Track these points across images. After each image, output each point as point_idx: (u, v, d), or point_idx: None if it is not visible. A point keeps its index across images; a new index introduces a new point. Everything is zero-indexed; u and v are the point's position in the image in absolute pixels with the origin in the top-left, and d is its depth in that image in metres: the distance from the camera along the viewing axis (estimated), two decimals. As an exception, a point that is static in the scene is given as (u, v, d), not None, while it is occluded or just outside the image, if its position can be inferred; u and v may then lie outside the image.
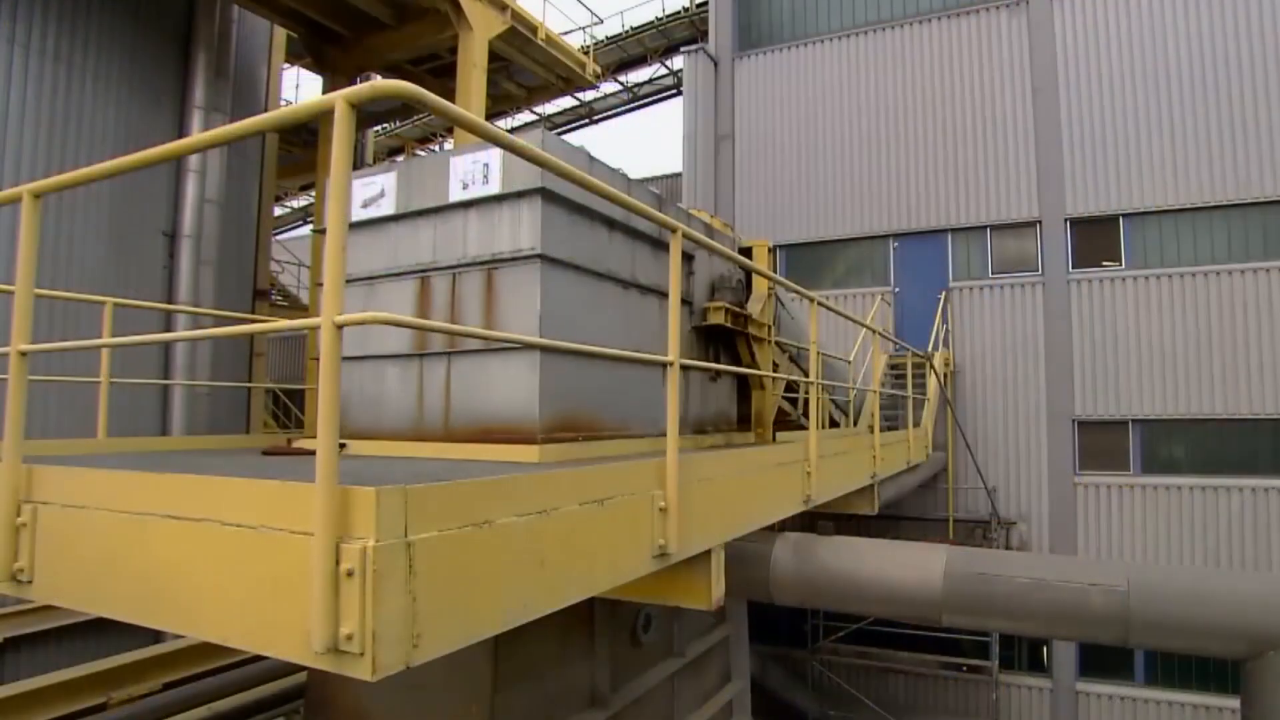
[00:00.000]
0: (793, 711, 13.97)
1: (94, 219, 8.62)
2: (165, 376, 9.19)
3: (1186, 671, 12.46)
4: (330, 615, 1.92)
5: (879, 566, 4.76)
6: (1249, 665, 3.86)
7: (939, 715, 13.63)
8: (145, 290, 9.00)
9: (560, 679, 4.57)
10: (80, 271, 8.37)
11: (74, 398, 7.87)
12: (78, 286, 7.98)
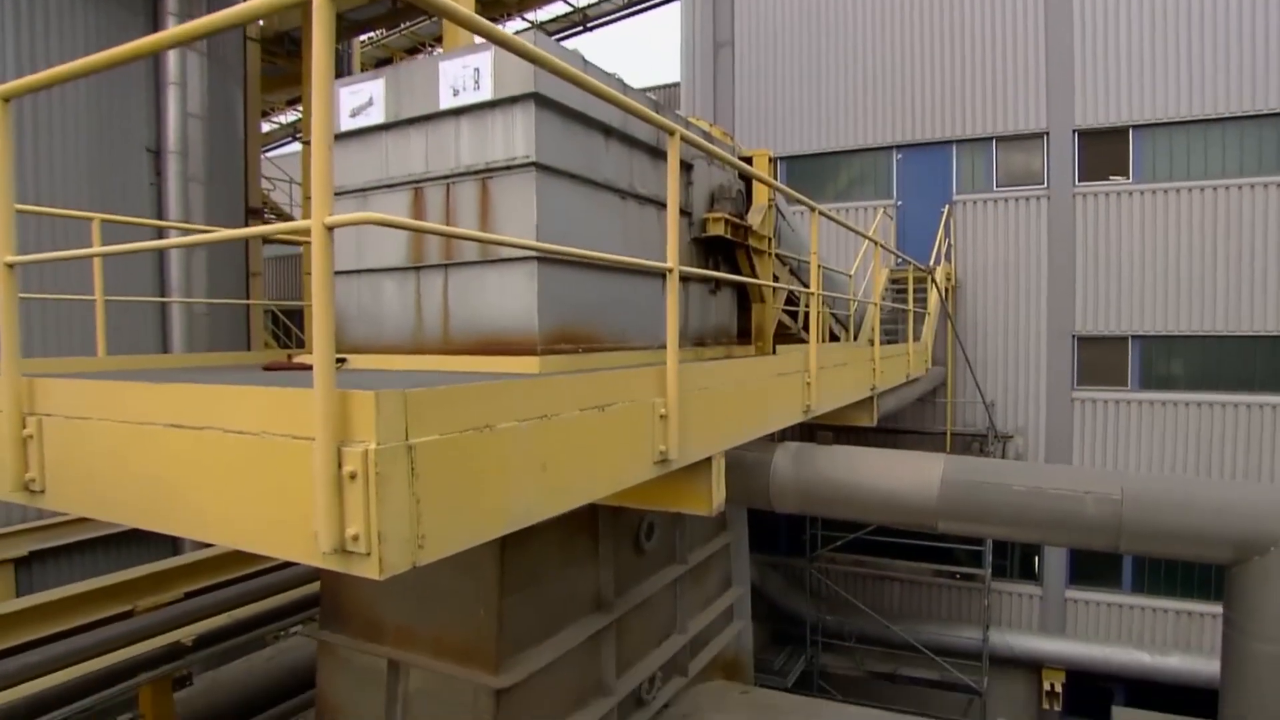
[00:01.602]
0: (791, 617, 14.49)
1: (74, 138, 8.39)
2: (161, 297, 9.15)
3: (1171, 580, 12.86)
4: (335, 517, 1.95)
5: (877, 474, 4.83)
6: (1234, 570, 3.96)
7: (932, 620, 14.13)
8: (133, 210, 8.84)
9: (565, 584, 4.70)
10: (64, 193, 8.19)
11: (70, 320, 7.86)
12: (62, 208, 7.85)
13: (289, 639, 8.13)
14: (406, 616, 4.43)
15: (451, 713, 4.32)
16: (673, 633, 5.89)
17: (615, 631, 5.07)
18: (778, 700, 6.40)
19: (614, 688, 5.07)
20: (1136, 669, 12.62)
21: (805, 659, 14.14)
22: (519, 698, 4.31)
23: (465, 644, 4.25)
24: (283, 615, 6.56)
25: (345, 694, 4.65)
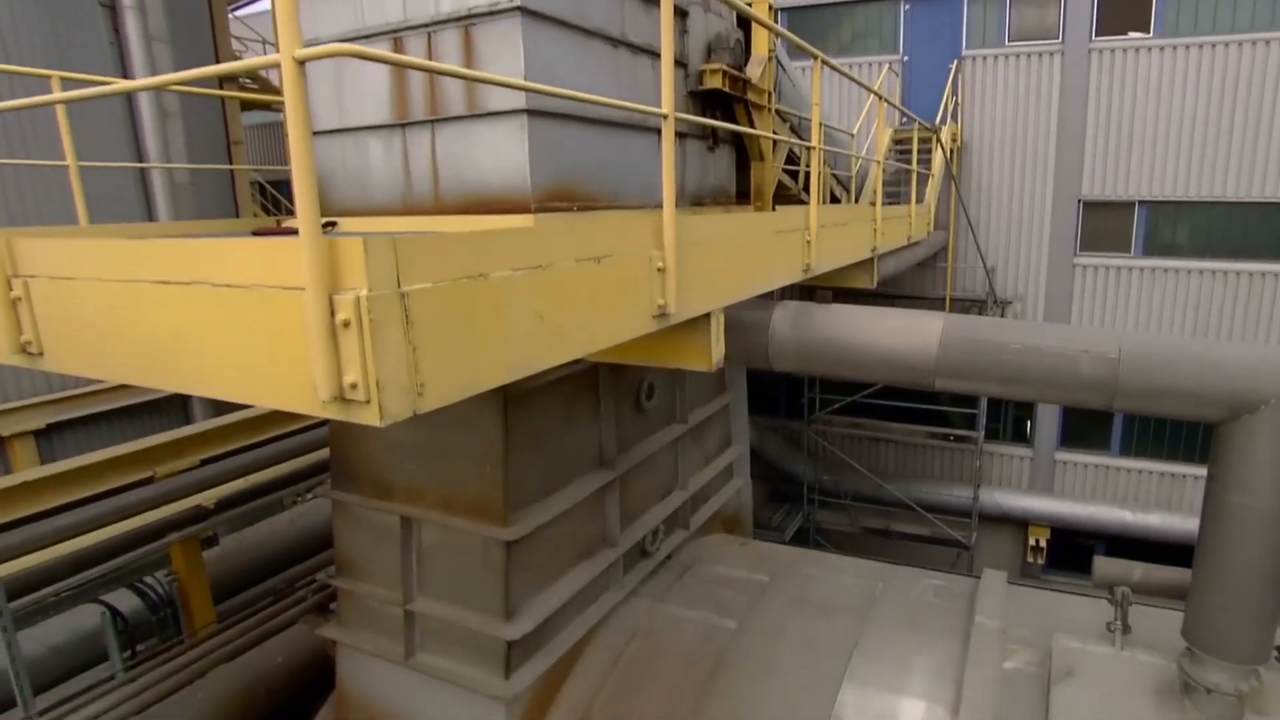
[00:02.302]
0: (789, 477, 15.01)
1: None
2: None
3: (1159, 443, 13.19)
4: (332, 366, 1.95)
5: (876, 332, 4.83)
6: (1221, 428, 4.01)
7: (925, 480, 14.64)
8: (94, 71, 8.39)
9: (569, 442, 4.82)
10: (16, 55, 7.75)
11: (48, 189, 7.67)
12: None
13: (306, 504, 8.46)
14: (415, 475, 4.57)
15: (464, 564, 4.54)
16: (674, 489, 6.10)
17: (619, 487, 5.25)
18: (775, 552, 6.73)
19: (619, 540, 5.31)
20: (1118, 526, 13.19)
21: (802, 516, 14.77)
22: (528, 549, 4.52)
23: (474, 499, 4.40)
24: (297, 479, 6.79)
25: (362, 549, 4.87)
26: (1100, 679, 4.56)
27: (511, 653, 4.50)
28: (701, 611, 5.41)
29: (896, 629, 5.21)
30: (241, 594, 7.21)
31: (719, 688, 4.83)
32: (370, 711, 5.03)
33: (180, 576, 6.54)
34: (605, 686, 4.95)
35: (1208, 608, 4.23)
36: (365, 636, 4.92)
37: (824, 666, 4.91)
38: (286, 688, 6.06)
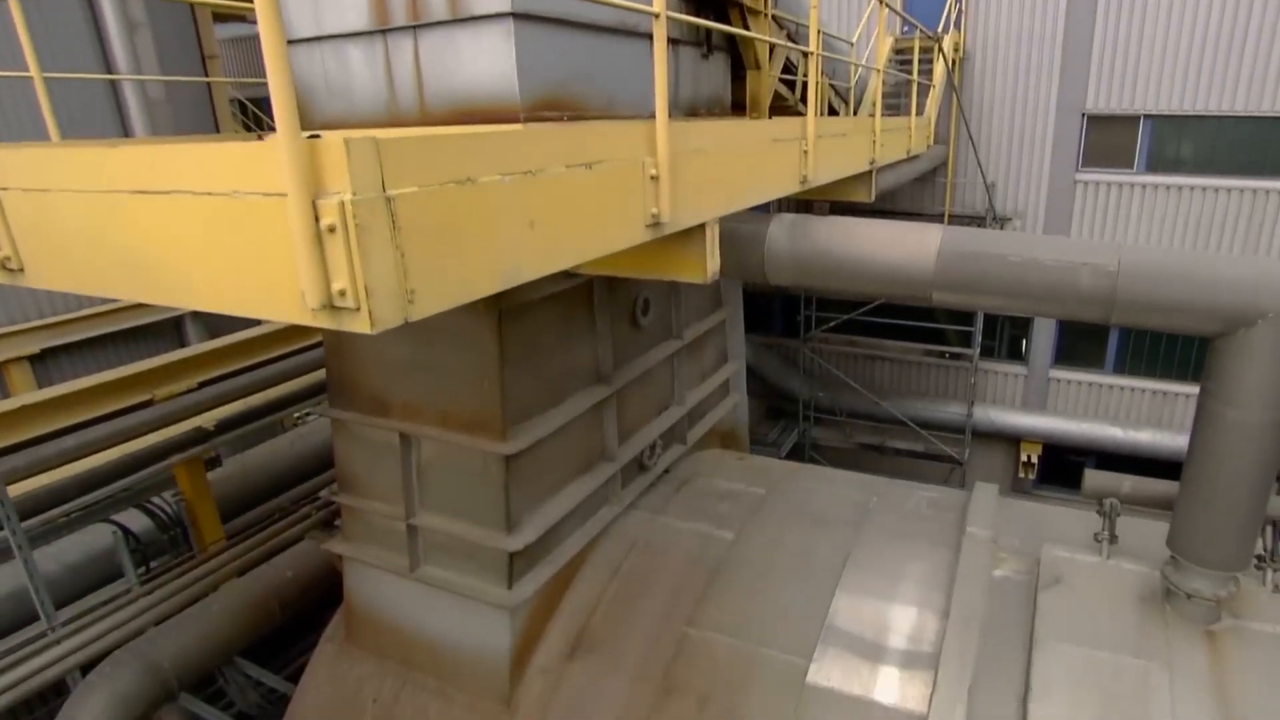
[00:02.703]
0: (785, 394, 15.14)
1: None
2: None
3: (1153, 361, 13.24)
4: (319, 272, 1.92)
5: (873, 244, 4.77)
6: (1218, 343, 4.00)
7: (920, 397, 14.76)
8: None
9: (565, 357, 4.83)
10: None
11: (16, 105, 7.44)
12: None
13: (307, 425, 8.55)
14: (412, 392, 4.59)
15: (464, 479, 4.61)
16: (671, 404, 6.15)
17: (615, 402, 5.29)
18: (771, 466, 6.83)
19: (617, 454, 5.38)
20: (1109, 443, 13.37)
21: (798, 433, 14.97)
22: (527, 463, 4.58)
23: (472, 415, 4.44)
24: (295, 401, 6.85)
25: (362, 466, 4.93)
26: (1086, 586, 4.69)
27: (514, 563, 4.62)
28: (699, 523, 5.53)
29: (889, 539, 5.34)
30: (248, 513, 7.35)
31: (716, 595, 4.98)
32: (378, 621, 5.19)
33: (187, 496, 6.66)
34: (606, 595, 5.10)
35: (1193, 518, 4.33)
36: (370, 550, 5.04)
37: (818, 575, 5.05)
38: (297, 600, 6.26)
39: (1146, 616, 4.49)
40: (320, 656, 5.45)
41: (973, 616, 4.55)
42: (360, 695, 5.19)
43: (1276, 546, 4.65)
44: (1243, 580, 4.45)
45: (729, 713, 4.46)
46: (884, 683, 4.46)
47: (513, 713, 4.77)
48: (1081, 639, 4.40)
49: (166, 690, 5.51)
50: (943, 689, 4.24)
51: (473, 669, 4.89)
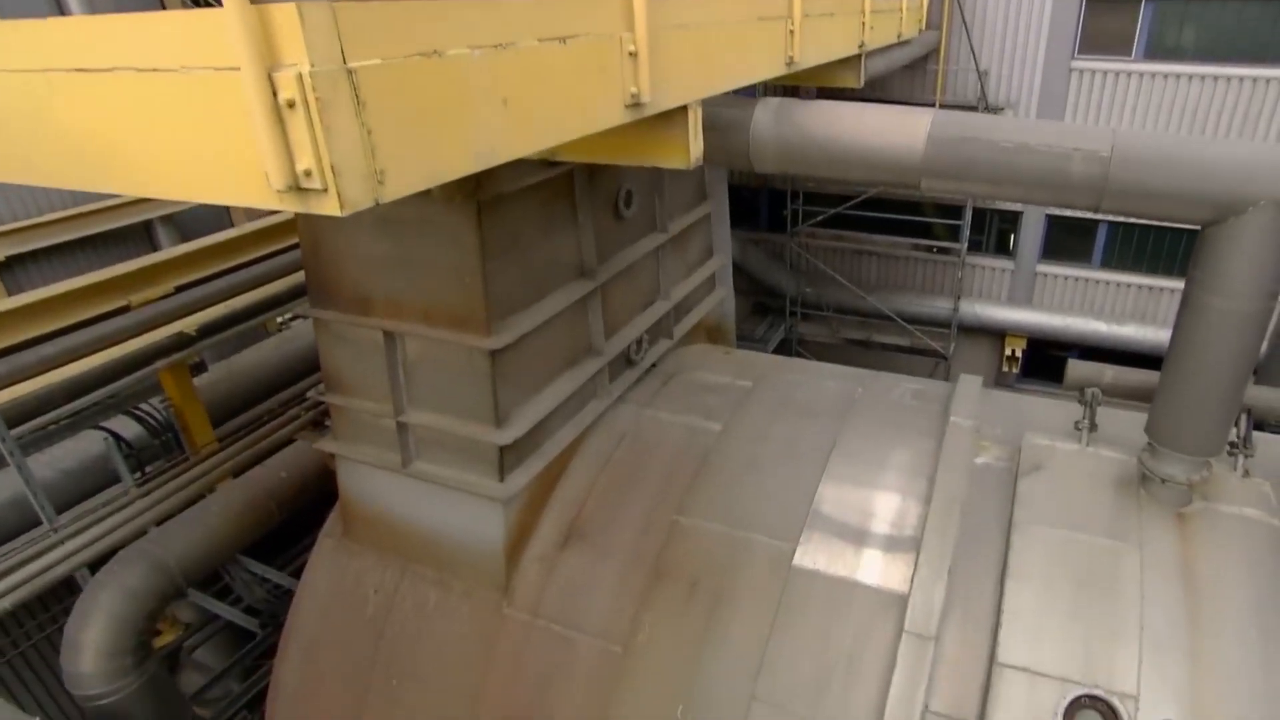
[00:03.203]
0: (772, 290, 15.10)
1: None
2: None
3: (1140, 256, 13.15)
4: (282, 151, 1.84)
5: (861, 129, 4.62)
6: (1208, 230, 3.95)
7: (907, 292, 14.74)
8: None
9: (547, 251, 4.74)
10: None
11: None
12: None
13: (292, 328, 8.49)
14: (394, 289, 4.51)
15: (450, 374, 4.60)
16: (657, 299, 6.11)
17: (600, 297, 5.24)
18: (758, 359, 6.87)
19: (603, 349, 5.37)
20: (1093, 337, 13.44)
21: (784, 328, 15.02)
22: (513, 358, 4.57)
23: (455, 311, 4.38)
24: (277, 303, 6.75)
25: (348, 365, 4.91)
26: (1065, 472, 4.81)
27: (504, 457, 4.67)
28: (686, 416, 5.59)
29: (874, 429, 5.42)
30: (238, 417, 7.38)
31: (704, 484, 5.08)
32: (373, 517, 5.30)
33: (174, 402, 6.66)
34: (596, 486, 5.20)
35: (1172, 405, 4.40)
36: (361, 448, 5.08)
37: (804, 464, 5.15)
38: (294, 499, 6.37)
39: (1121, 501, 4.63)
40: (320, 552, 5.59)
41: (954, 501, 4.67)
42: (361, 587, 5.35)
43: (1249, 433, 4.77)
44: (1215, 465, 4.58)
45: (718, 595, 4.63)
46: (867, 564, 4.61)
47: (510, 599, 4.94)
48: (1058, 522, 4.55)
49: (174, 586, 5.67)
50: (923, 570, 4.40)
51: (469, 559, 5.03)
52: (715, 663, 4.46)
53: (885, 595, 4.45)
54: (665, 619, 4.63)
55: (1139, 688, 3.92)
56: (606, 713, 4.55)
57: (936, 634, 4.19)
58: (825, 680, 4.28)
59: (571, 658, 4.72)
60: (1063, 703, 3.94)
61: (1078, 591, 4.27)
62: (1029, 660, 4.08)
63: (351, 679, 5.20)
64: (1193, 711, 3.82)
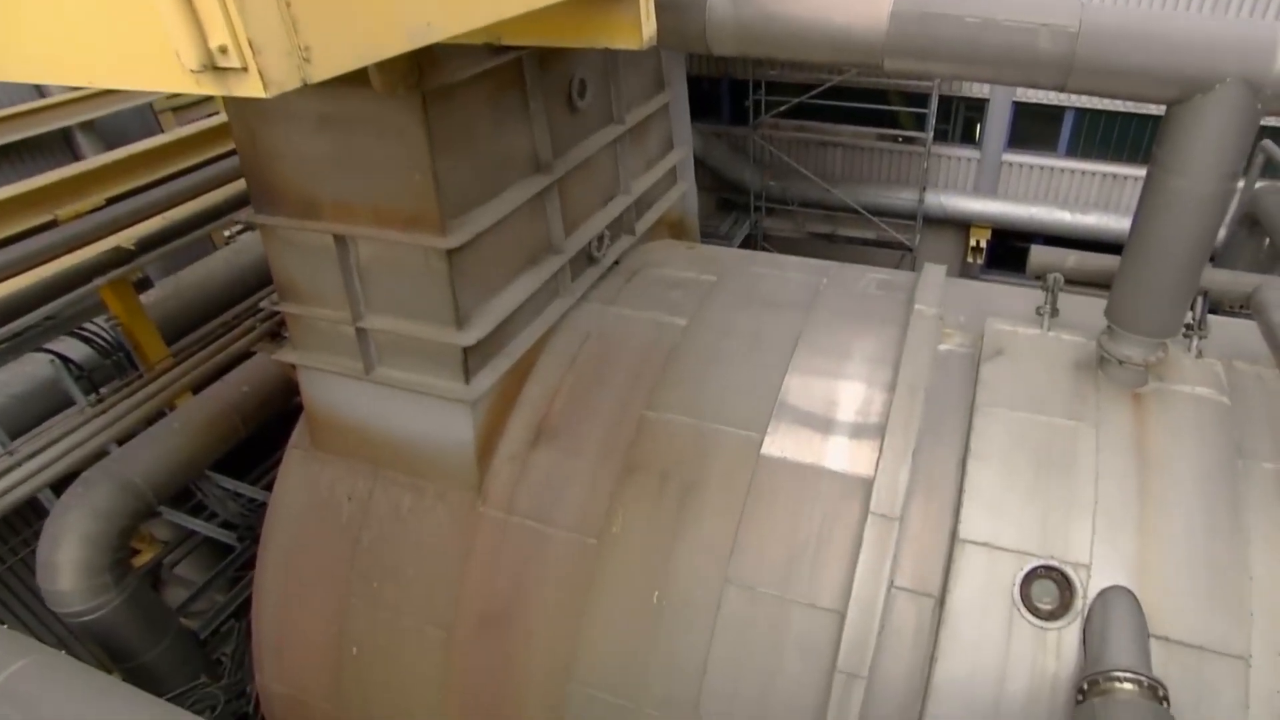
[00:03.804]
0: (736, 186, 14.86)
1: None
2: None
3: (1105, 144, 13.06)
4: (191, 25, 1.67)
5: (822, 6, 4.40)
6: (1173, 108, 3.88)
7: (872, 184, 14.59)
8: None
9: (499, 145, 4.54)
10: None
11: None
12: None
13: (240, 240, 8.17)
14: (341, 191, 4.31)
15: (407, 277, 4.47)
16: (617, 194, 5.95)
17: (558, 192, 5.08)
18: (722, 254, 6.79)
19: (564, 246, 5.25)
20: (1057, 226, 13.49)
21: (749, 224, 14.88)
22: (471, 257, 4.44)
23: (407, 211, 4.22)
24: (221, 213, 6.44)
25: (300, 273, 4.74)
26: (1026, 356, 4.90)
27: (469, 358, 4.61)
28: (652, 311, 5.53)
29: (839, 320, 5.42)
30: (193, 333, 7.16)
31: (671, 379, 5.09)
32: (340, 426, 5.25)
33: (122, 320, 6.43)
34: (564, 384, 5.18)
35: (1132, 287, 4.45)
36: (322, 357, 4.98)
37: (770, 356, 5.16)
38: (258, 413, 6.28)
39: (1080, 382, 4.74)
40: (289, 463, 5.56)
41: (918, 387, 4.73)
42: (335, 495, 5.36)
43: (1204, 315, 4.87)
44: (1171, 347, 4.68)
45: (689, 485, 4.71)
46: (833, 451, 4.71)
47: (484, 499, 4.99)
48: (1018, 404, 4.66)
49: (144, 504, 5.63)
50: (888, 454, 4.49)
51: (441, 462, 5.03)
52: (688, 550, 4.58)
53: (851, 479, 4.56)
54: (638, 510, 4.72)
55: (1091, 558, 4.12)
56: (584, 603, 4.68)
57: (901, 514, 4.32)
58: (795, 562, 4.43)
59: (547, 552, 4.82)
60: (1020, 574, 4.13)
61: (1036, 470, 4.41)
62: (989, 535, 4.25)
63: (332, 584, 5.28)
64: (1140, 578, 4.04)
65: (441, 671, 5.00)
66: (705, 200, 13.91)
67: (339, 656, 5.29)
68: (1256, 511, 4.16)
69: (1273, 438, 4.42)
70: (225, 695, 6.40)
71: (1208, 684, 3.84)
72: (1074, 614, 4.02)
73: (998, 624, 4.10)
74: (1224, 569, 4.02)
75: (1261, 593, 3.95)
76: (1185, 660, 3.87)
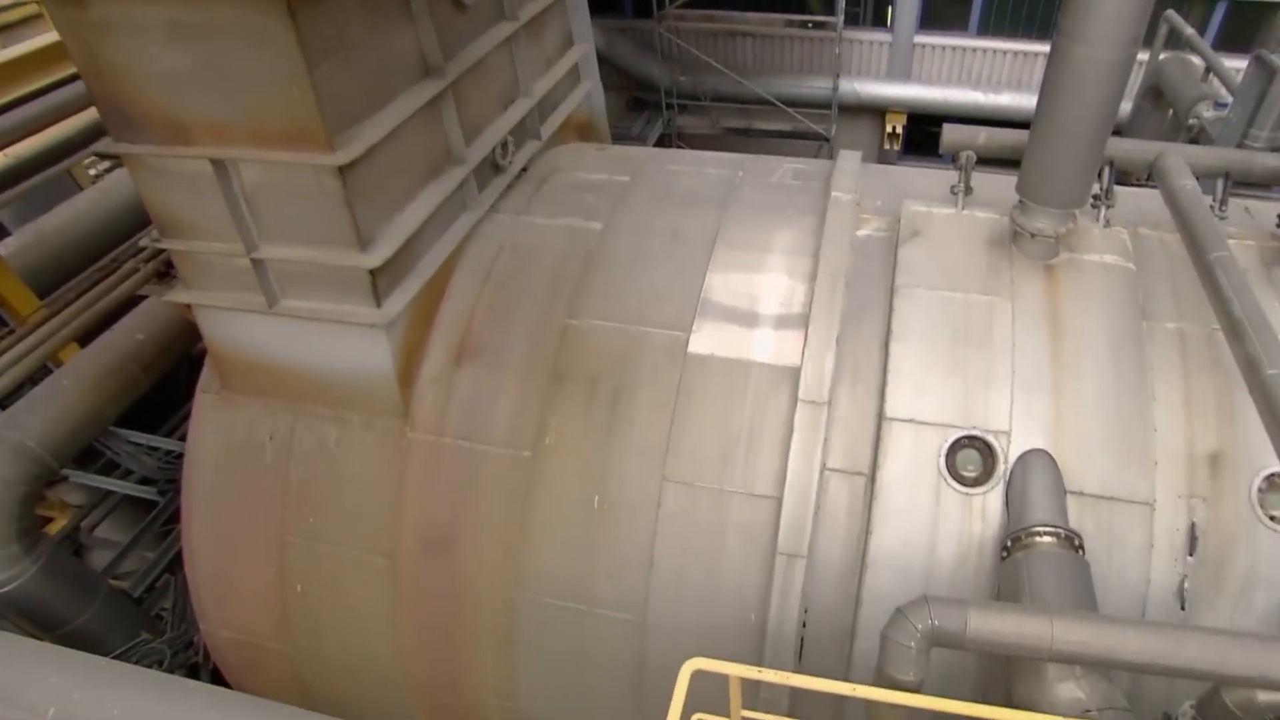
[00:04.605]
0: (645, 84, 14.36)
1: None
2: None
3: (1015, 21, 13.00)
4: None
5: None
6: None
7: (784, 74, 14.30)
8: None
9: (382, 49, 4.19)
10: None
11: None
12: None
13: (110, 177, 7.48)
14: (212, 111, 3.92)
15: (300, 200, 4.17)
16: (517, 97, 5.64)
17: (452, 97, 4.77)
18: (634, 153, 6.58)
19: (466, 156, 4.98)
20: (971, 108, 13.51)
21: (662, 122, 14.47)
22: (366, 174, 4.15)
23: (288, 127, 3.88)
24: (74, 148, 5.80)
25: (179, 205, 4.36)
26: (942, 236, 4.95)
27: (377, 281, 4.39)
28: (566, 218, 5.35)
29: (757, 213, 5.36)
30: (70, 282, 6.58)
31: (591, 285, 4.97)
32: (250, 365, 5.00)
33: (-26, 274, 5.87)
34: (481, 300, 5.01)
35: (1040, 159, 4.49)
36: (218, 294, 4.67)
37: (690, 254, 5.09)
38: (158, 360, 5.91)
39: (995, 258, 4.83)
40: (201, 409, 5.29)
41: (838, 275, 4.76)
42: (255, 436, 5.15)
43: (1111, 185, 4.96)
44: (1079, 218, 4.78)
45: (619, 389, 4.68)
46: (759, 343, 4.73)
47: (412, 424, 4.86)
48: (937, 284, 4.74)
49: (44, 468, 5.32)
50: (813, 342, 4.54)
51: (362, 391, 4.86)
52: (624, 452, 4.59)
53: (779, 370, 4.59)
54: (570, 419, 4.68)
55: (1011, 425, 4.29)
56: (525, 516, 4.67)
57: (829, 399, 4.40)
58: (730, 454, 4.49)
59: (483, 469, 4.77)
60: (944, 445, 4.29)
61: (955, 346, 4.53)
62: (914, 412, 4.38)
63: (266, 525, 5.14)
64: (1056, 439, 4.25)
65: (390, 598, 4.98)
66: (614, 100, 13.42)
67: (283, 595, 5.20)
68: (1159, 369, 4.37)
69: (1174, 299, 4.62)
70: (171, 649, 6.29)
71: (1118, 530, 4.11)
72: (996, 479, 4.21)
73: (926, 495, 4.26)
74: (1130, 425, 4.25)
75: (1164, 444, 4.21)
76: (1098, 511, 4.13)
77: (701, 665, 2.84)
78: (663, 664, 4.44)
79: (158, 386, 6.02)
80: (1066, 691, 3.32)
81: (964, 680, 4.17)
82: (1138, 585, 4.06)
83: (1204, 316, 4.30)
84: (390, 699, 5.29)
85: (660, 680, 4.46)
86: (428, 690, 5.19)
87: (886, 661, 3.18)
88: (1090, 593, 3.64)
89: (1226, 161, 5.09)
